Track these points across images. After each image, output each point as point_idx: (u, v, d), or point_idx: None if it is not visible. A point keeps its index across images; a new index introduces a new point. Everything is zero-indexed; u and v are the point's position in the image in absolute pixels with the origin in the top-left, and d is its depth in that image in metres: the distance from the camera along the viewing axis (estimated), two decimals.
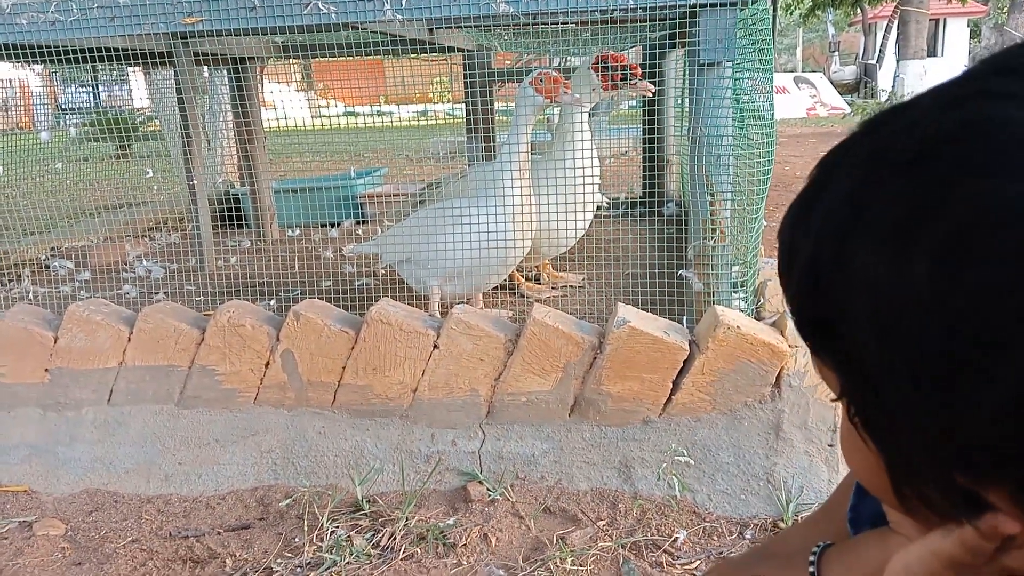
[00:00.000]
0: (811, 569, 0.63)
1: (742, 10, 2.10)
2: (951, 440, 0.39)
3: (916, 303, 0.38)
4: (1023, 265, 0.35)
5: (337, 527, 1.95)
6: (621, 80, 2.63)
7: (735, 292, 2.22)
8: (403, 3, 2.08)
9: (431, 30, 2.85)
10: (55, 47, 2.35)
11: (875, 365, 0.40)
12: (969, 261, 0.36)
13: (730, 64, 2.12)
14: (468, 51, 3.80)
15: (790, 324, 1.99)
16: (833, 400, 0.46)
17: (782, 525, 1.94)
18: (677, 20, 2.16)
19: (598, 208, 3.23)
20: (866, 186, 0.41)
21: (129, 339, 2.18)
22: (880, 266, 0.39)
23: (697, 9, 2.04)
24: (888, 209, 0.39)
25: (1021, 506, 0.39)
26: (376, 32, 2.60)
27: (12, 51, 2.36)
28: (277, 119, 4.45)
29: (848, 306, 0.41)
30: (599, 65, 2.65)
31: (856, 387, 0.44)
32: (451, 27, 2.80)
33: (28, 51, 2.36)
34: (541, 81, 2.51)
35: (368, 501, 2.04)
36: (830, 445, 2.01)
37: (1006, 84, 0.39)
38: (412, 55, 3.68)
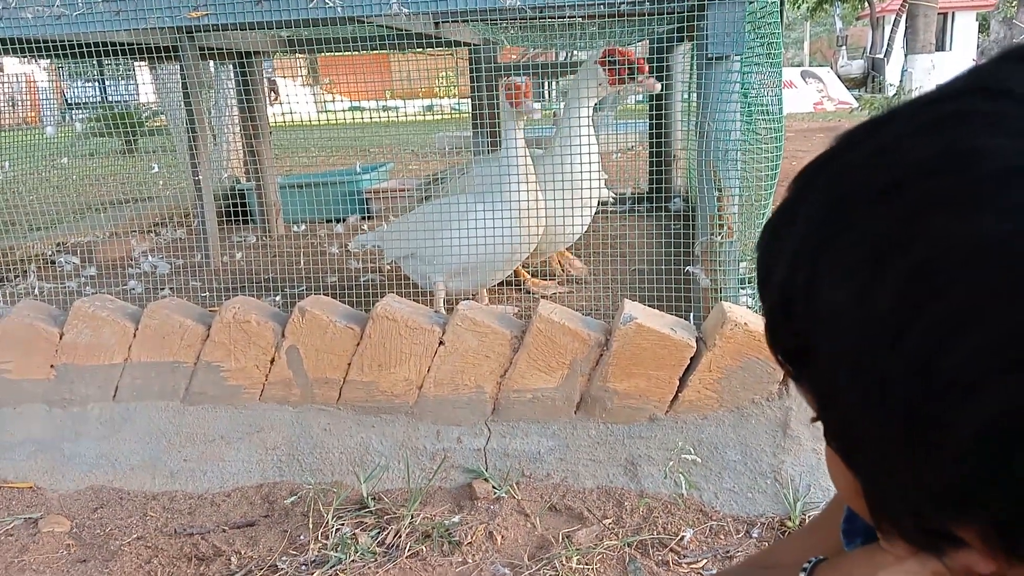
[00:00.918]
0: None
1: (751, 3, 2.08)
2: (918, 479, 0.38)
3: (880, 339, 0.36)
4: (986, 306, 0.33)
5: (342, 525, 1.94)
6: (628, 76, 2.62)
7: (743, 288, 2.21)
8: None
9: (437, 24, 2.83)
10: (61, 41, 2.34)
11: (845, 396, 0.39)
12: (933, 295, 0.34)
13: (738, 58, 2.10)
14: (474, 46, 3.78)
15: None
16: (812, 420, 0.45)
17: (789, 524, 1.92)
18: (685, 14, 2.14)
19: (603, 204, 3.22)
20: (837, 214, 0.39)
21: (135, 335, 2.18)
22: (847, 298, 0.38)
23: (705, 2, 2.02)
24: (857, 240, 0.38)
25: (992, 545, 0.38)
26: (382, 26, 2.59)
27: (18, 45, 2.35)
28: (283, 113, 4.44)
29: (818, 336, 0.40)
30: (606, 60, 2.63)
31: (830, 413, 0.43)
32: (457, 21, 2.79)
33: (34, 45, 2.35)
34: (510, 89, 2.53)
35: (373, 498, 2.04)
36: None
37: (987, 106, 0.36)
38: (418, 50, 3.67)
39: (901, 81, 12.50)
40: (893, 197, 0.37)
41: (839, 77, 18.45)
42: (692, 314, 2.19)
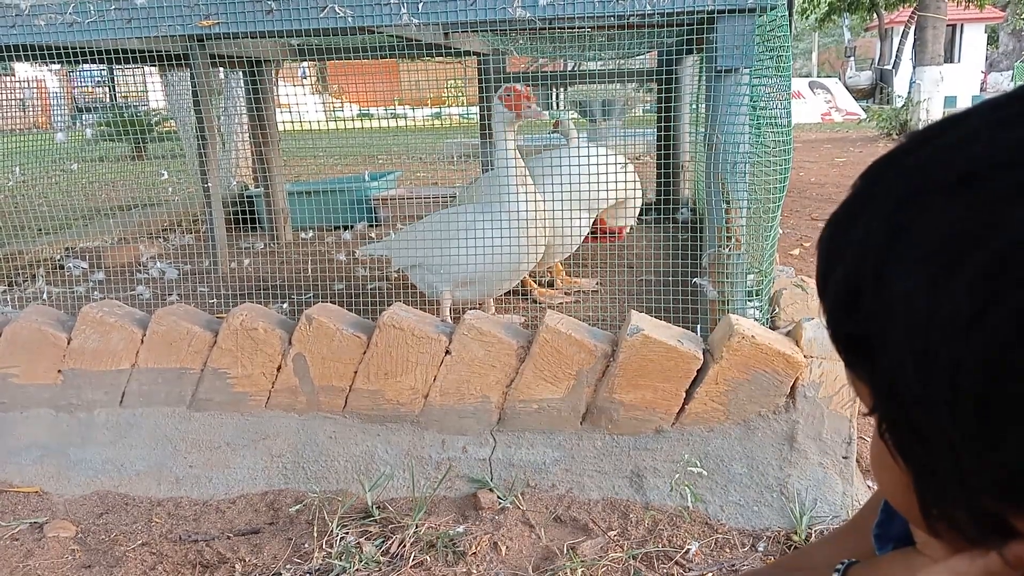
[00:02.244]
0: None
1: (760, 16, 2.08)
2: (985, 466, 0.38)
3: (955, 327, 0.37)
4: None
5: (347, 533, 1.94)
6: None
7: (750, 301, 2.20)
8: (419, 7, 2.07)
9: (446, 34, 2.84)
10: (73, 48, 2.36)
11: (910, 387, 0.40)
12: (1009, 288, 0.35)
13: (747, 71, 2.10)
14: (483, 55, 3.80)
15: (805, 334, 1.97)
16: (865, 415, 0.46)
17: (795, 538, 1.91)
18: (694, 26, 2.14)
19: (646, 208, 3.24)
20: (911, 203, 0.40)
21: (142, 341, 2.18)
22: (920, 287, 0.38)
23: (715, 15, 2.02)
24: (932, 229, 0.38)
25: None
26: (391, 36, 2.60)
27: (31, 52, 2.36)
28: (291, 120, 4.46)
29: (885, 326, 0.40)
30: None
31: (889, 406, 0.43)
32: (467, 31, 2.80)
33: (46, 52, 2.37)
34: (509, 94, 2.54)
35: (378, 507, 2.03)
36: (844, 457, 1.99)
37: None
38: (427, 58, 3.68)
39: (909, 92, 12.46)
40: (970, 188, 0.37)
41: (847, 88, 18.45)
42: (699, 326, 2.18)
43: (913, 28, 14.28)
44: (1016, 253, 0.35)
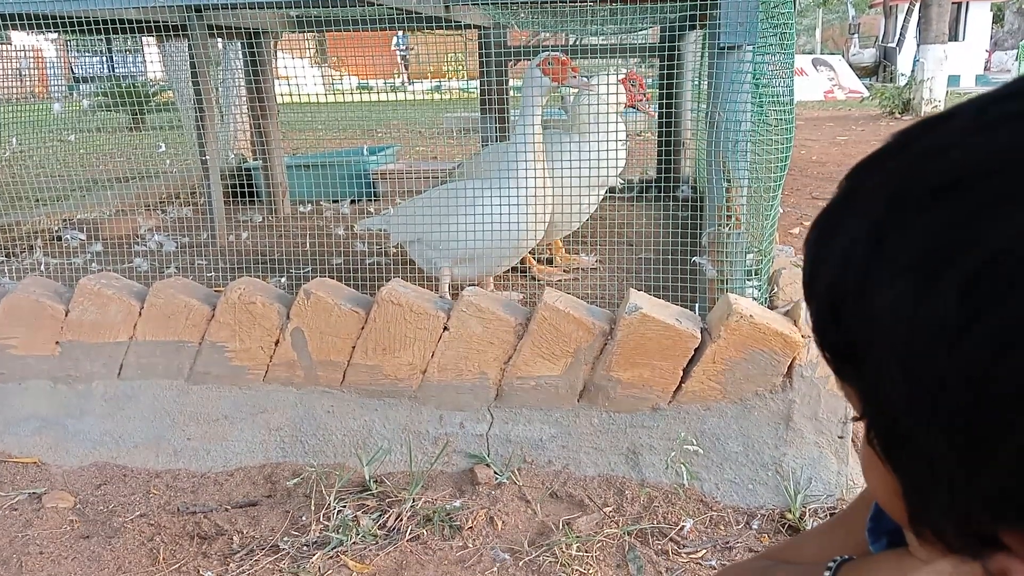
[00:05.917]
0: None
1: None
2: (969, 480, 0.38)
3: (940, 338, 0.36)
4: None
5: (344, 507, 1.95)
6: (638, 101, 2.90)
7: (749, 280, 2.20)
8: None
9: (447, 7, 2.81)
10: (70, 17, 2.33)
11: (897, 398, 0.39)
12: (995, 298, 0.34)
13: (751, 48, 2.08)
14: (484, 28, 3.76)
15: (803, 313, 1.97)
16: (854, 419, 0.45)
17: (789, 516, 1.93)
18: (698, 1, 2.12)
19: (611, 190, 3.21)
20: (892, 212, 0.38)
21: (140, 314, 2.18)
22: (904, 298, 0.37)
23: None
24: (914, 238, 0.37)
25: None
26: (392, 8, 2.57)
27: (29, 21, 2.34)
28: (290, 92, 4.42)
29: (871, 336, 0.39)
30: (628, 82, 2.83)
31: (877, 415, 0.42)
32: (467, 4, 2.77)
33: (44, 21, 2.34)
34: (549, 64, 2.49)
35: (375, 481, 2.05)
36: (840, 437, 2.00)
37: None
38: (427, 30, 3.64)
39: (913, 71, 12.36)
40: (952, 196, 0.36)
41: (851, 65, 18.31)
42: (697, 304, 2.18)
43: (918, 6, 14.17)
44: (999, 265, 0.34)
